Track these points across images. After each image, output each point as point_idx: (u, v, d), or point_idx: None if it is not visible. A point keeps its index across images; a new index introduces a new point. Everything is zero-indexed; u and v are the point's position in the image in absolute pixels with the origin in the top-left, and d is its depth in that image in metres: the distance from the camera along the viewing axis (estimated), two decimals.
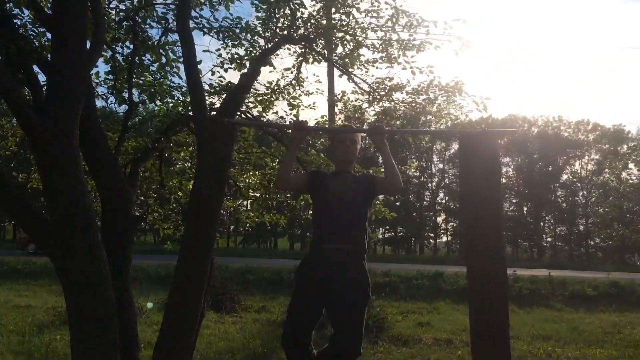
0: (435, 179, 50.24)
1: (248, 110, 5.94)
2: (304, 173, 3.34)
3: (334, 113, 9.64)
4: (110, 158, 3.91)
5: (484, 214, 2.73)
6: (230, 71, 5.80)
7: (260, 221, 7.58)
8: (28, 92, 4.04)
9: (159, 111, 6.10)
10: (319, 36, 5.57)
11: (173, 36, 5.13)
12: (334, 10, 5.59)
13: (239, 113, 5.35)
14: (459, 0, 64.64)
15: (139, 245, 32.63)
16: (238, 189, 8.02)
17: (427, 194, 50.06)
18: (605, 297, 14.75)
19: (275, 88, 6.32)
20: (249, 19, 5.50)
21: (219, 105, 5.17)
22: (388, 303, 11.89)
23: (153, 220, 6.94)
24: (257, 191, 7.82)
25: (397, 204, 44.34)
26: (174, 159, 7.81)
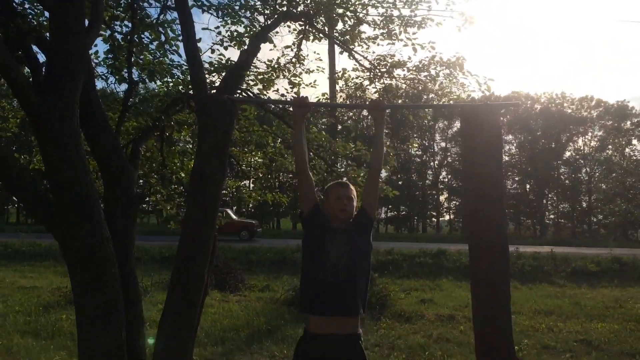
0: (438, 158, 50.11)
1: (248, 89, 5.89)
2: (314, 197, 3.05)
3: (335, 91, 9.59)
4: (111, 138, 3.89)
5: (485, 188, 2.72)
6: (230, 49, 5.76)
7: (262, 200, 7.56)
8: (28, 72, 4.02)
9: (159, 91, 6.07)
10: (319, 12, 5.51)
11: (172, 14, 5.09)
12: None
13: (239, 91, 5.31)
14: None
15: (142, 227, 32.74)
16: (240, 169, 8.01)
17: (430, 172, 49.98)
18: (607, 272, 14.81)
19: (276, 66, 6.27)
20: None
21: (219, 83, 5.14)
22: (391, 281, 11.98)
23: (156, 201, 6.93)
24: (259, 170, 7.81)
25: (400, 183, 44.32)
26: (175, 139, 7.79)
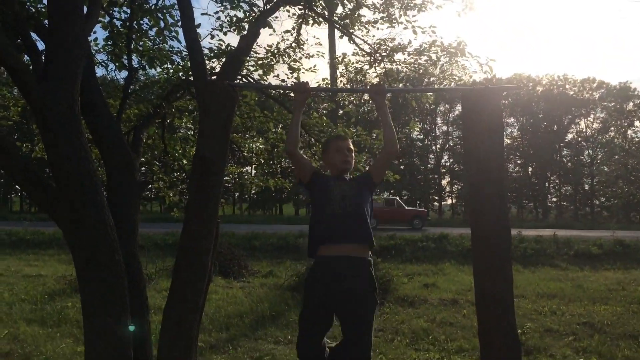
0: (440, 142, 50.00)
1: (249, 74, 5.88)
2: (311, 166, 3.37)
3: (336, 76, 9.55)
4: (113, 125, 3.89)
5: (486, 169, 2.71)
6: (230, 34, 5.74)
7: (265, 186, 7.58)
8: (28, 60, 4.00)
9: (160, 77, 6.06)
10: None
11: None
12: None
13: (239, 77, 5.30)
14: None
15: (145, 214, 32.90)
16: (242, 155, 8.00)
17: (432, 156, 49.89)
18: (610, 255, 14.84)
19: (276, 51, 6.25)
20: None
21: (219, 69, 5.12)
22: (394, 265, 11.99)
23: (158, 188, 6.95)
24: (261, 156, 7.81)
25: (402, 167, 44.29)
26: (176, 126, 7.78)
